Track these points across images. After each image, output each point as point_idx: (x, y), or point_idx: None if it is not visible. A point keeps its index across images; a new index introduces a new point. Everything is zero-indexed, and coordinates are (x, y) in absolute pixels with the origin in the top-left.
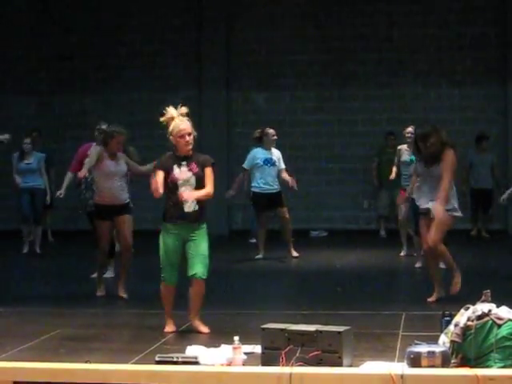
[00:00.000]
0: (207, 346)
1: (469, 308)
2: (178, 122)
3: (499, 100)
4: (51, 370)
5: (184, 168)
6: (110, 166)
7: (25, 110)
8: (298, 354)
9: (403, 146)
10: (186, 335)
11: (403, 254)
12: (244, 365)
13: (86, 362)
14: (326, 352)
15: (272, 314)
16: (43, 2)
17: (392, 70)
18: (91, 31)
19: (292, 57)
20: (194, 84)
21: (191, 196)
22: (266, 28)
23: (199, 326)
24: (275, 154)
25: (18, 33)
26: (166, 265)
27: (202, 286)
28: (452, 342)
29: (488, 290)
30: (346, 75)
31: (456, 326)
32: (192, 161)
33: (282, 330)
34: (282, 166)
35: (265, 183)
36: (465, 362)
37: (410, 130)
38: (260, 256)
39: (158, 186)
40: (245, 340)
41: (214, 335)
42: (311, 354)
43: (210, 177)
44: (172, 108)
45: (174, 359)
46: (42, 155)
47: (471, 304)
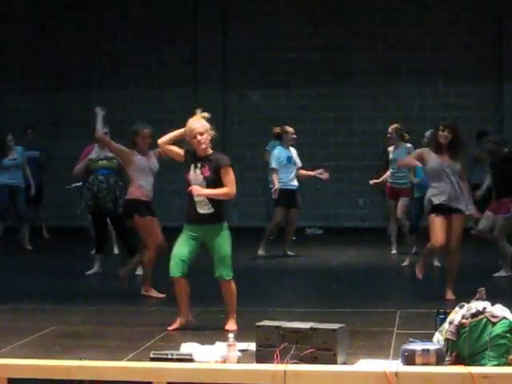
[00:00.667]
0: (202, 343)
1: (463, 306)
2: (192, 121)
3: (494, 98)
4: (46, 366)
5: (198, 170)
6: (141, 160)
7: (20, 106)
8: (292, 352)
9: (391, 148)
10: (181, 332)
11: (394, 252)
12: (238, 362)
13: (81, 359)
14: (321, 349)
15: (266, 311)
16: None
17: (388, 68)
18: (87, 29)
19: (288, 55)
20: (190, 81)
21: (202, 192)
22: (262, 25)
23: (227, 322)
24: (294, 152)
25: (13, 30)
26: (172, 256)
27: (230, 286)
28: (446, 339)
29: (483, 288)
30: (342, 73)
31: (450, 323)
32: (206, 163)
33: (277, 327)
34: (299, 164)
35: (288, 180)
36: (459, 360)
37: (390, 128)
38: (263, 253)
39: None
40: (239, 337)
41: (209, 332)
42: (306, 352)
43: (228, 176)
44: (194, 115)
45: (169, 356)
46: (21, 148)
47: (466, 302)
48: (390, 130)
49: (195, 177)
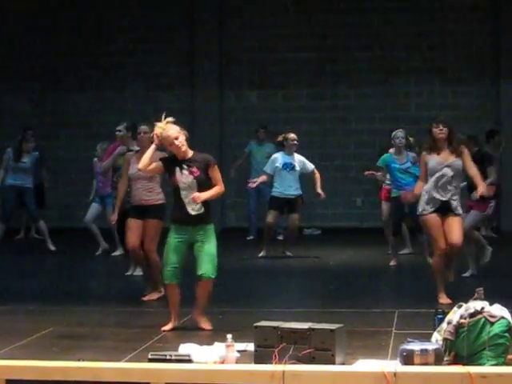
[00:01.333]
0: (200, 343)
1: (462, 306)
2: (162, 131)
3: (492, 98)
4: (44, 368)
5: (185, 171)
6: (134, 165)
7: (17, 107)
8: (290, 352)
9: (391, 150)
10: (179, 333)
11: (407, 251)
12: (237, 363)
13: (79, 360)
14: (319, 350)
15: (265, 311)
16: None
17: (385, 68)
18: (84, 29)
19: (285, 55)
20: (187, 82)
21: (203, 198)
22: (259, 26)
23: (202, 322)
24: (296, 158)
25: (10, 30)
26: (166, 263)
27: (209, 286)
28: (445, 339)
29: (481, 288)
30: (338, 73)
31: (449, 323)
32: (193, 163)
33: (275, 327)
34: (308, 169)
35: (282, 187)
36: (457, 360)
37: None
38: (263, 253)
39: (147, 161)
40: (238, 338)
41: (207, 333)
42: (304, 352)
43: (217, 174)
44: (157, 126)
45: (167, 357)
46: (36, 154)
47: (464, 302)
48: (401, 134)
49: (183, 178)
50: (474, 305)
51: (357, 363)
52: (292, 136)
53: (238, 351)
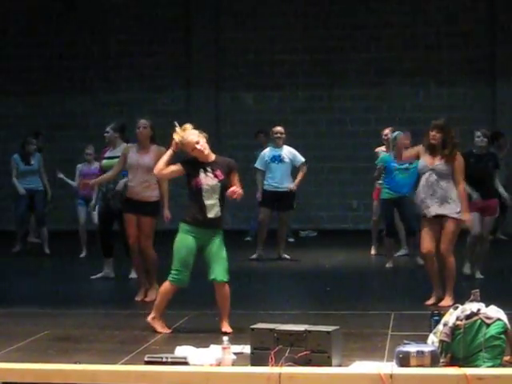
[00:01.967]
0: (196, 346)
1: (458, 307)
2: (182, 138)
3: (488, 99)
4: (40, 370)
5: (210, 174)
6: (132, 157)
7: (14, 110)
8: (287, 354)
9: (381, 148)
10: (175, 336)
11: (373, 252)
12: (233, 365)
13: (76, 363)
14: (315, 352)
15: (261, 314)
16: (33, 2)
17: (380, 69)
18: (80, 30)
19: (281, 56)
20: (183, 84)
21: (241, 192)
22: (255, 27)
23: (223, 326)
24: (285, 151)
25: (7, 33)
26: (182, 266)
27: (225, 289)
28: (441, 341)
29: (477, 290)
30: (334, 75)
31: (445, 325)
32: (217, 167)
33: (271, 330)
34: (298, 161)
35: (273, 181)
36: (454, 362)
37: (388, 131)
38: (255, 256)
39: (162, 165)
40: (234, 340)
41: (203, 336)
42: (300, 354)
43: (237, 177)
44: (175, 134)
45: (164, 359)
46: (39, 155)
47: (460, 303)
48: (388, 131)
49: (208, 180)
50: (470, 306)
51: (353, 365)
52: (276, 129)
53: (235, 353)
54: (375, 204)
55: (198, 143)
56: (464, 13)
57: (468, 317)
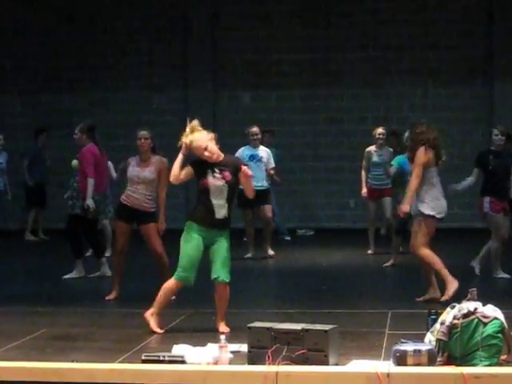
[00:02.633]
0: (194, 344)
1: (455, 306)
2: (192, 142)
3: (485, 99)
4: (37, 369)
5: (217, 175)
6: (132, 171)
7: (11, 108)
8: (284, 353)
9: (372, 148)
10: (173, 334)
11: (371, 252)
12: (230, 364)
13: (73, 361)
14: (312, 351)
15: (258, 312)
16: (29, 0)
17: (378, 68)
18: (77, 30)
19: (278, 56)
20: (181, 83)
21: (251, 173)
22: (252, 27)
23: (220, 326)
24: (262, 151)
25: (3, 31)
26: (189, 264)
27: (225, 290)
28: (438, 340)
29: (474, 289)
30: (332, 74)
31: (442, 324)
32: (225, 167)
33: (268, 328)
34: (271, 165)
35: (254, 180)
36: (451, 361)
37: (382, 131)
38: (249, 255)
39: (177, 171)
40: (231, 339)
41: (200, 334)
42: (297, 353)
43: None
44: (184, 136)
45: (161, 358)
46: (5, 154)
47: (457, 302)
48: (382, 131)
49: (215, 181)
50: (467, 305)
51: (350, 364)
52: (253, 130)
53: (232, 352)
54: (371, 204)
55: (206, 149)
56: (462, 13)
57: (465, 316)
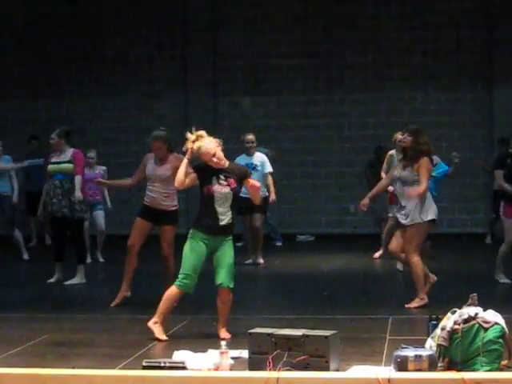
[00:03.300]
0: (194, 350)
1: (455, 312)
2: (199, 148)
3: (485, 104)
4: (38, 375)
5: (223, 182)
6: (149, 168)
7: (11, 114)
8: (284, 359)
9: (393, 152)
10: (173, 340)
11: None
12: (231, 369)
13: (73, 368)
14: (313, 356)
15: (259, 318)
16: (29, 5)
17: (378, 73)
18: (78, 36)
19: (278, 61)
20: (181, 88)
21: (259, 185)
22: (252, 32)
23: (221, 332)
24: (257, 158)
25: (4, 37)
26: (191, 271)
27: (228, 295)
28: (439, 345)
29: (475, 294)
30: (332, 79)
31: (443, 329)
32: (230, 175)
33: (269, 334)
34: (266, 170)
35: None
36: (451, 366)
37: (401, 137)
38: (250, 261)
39: (182, 177)
40: (232, 345)
41: (201, 340)
42: (298, 359)
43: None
44: (189, 141)
45: (162, 364)
46: (8, 158)
47: (458, 308)
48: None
49: (220, 188)
50: (468, 311)
51: (351, 369)
52: (248, 138)
53: (232, 358)
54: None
55: (214, 155)
56: (462, 18)
57: (466, 321)
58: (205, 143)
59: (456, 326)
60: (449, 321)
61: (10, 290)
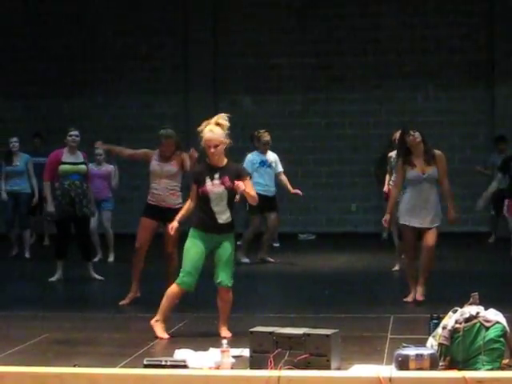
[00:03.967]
0: (195, 349)
1: (457, 310)
2: (206, 131)
3: (486, 103)
4: (39, 374)
5: (216, 181)
6: (154, 164)
7: (11, 113)
8: (286, 358)
9: (393, 153)
10: (175, 339)
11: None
12: (232, 368)
13: (74, 366)
14: (314, 355)
15: (260, 317)
16: (30, 4)
17: (379, 72)
18: (78, 35)
19: (279, 60)
20: (181, 87)
21: (244, 188)
22: (253, 31)
23: (222, 331)
24: (270, 156)
25: (4, 35)
26: (192, 269)
27: (229, 294)
28: (440, 344)
29: (476, 293)
30: (333, 78)
31: (444, 328)
32: (225, 173)
33: (270, 333)
34: (279, 169)
35: (264, 184)
36: (453, 365)
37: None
38: (247, 260)
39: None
40: (233, 343)
41: (202, 339)
42: (299, 358)
43: (251, 186)
44: (206, 123)
45: (163, 363)
46: (27, 156)
47: (459, 307)
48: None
49: (214, 187)
50: (469, 310)
51: (352, 368)
52: (266, 139)
53: (234, 357)
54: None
55: (215, 147)
56: (462, 16)
57: (467, 320)
58: (211, 132)
59: (457, 325)
60: (450, 320)
61: (10, 289)
